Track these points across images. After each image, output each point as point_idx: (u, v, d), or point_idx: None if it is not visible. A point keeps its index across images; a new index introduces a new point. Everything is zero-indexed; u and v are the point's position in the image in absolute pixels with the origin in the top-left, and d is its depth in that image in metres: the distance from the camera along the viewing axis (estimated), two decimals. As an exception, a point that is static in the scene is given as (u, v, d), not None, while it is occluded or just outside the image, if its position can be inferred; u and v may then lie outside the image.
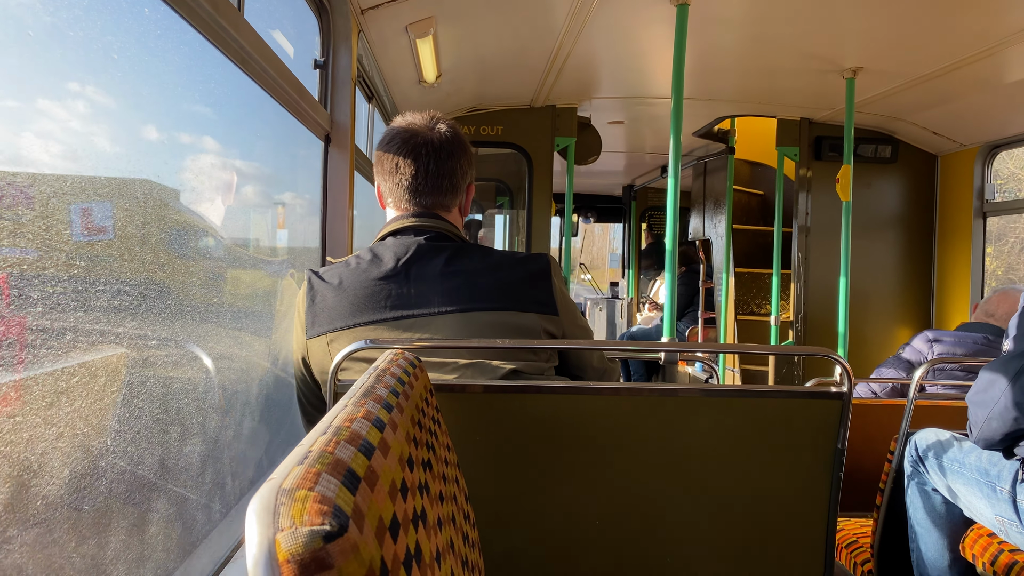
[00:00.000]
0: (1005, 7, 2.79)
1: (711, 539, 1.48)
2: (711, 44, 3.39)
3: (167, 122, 1.29)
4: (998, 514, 2.02)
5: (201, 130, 1.49)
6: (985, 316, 3.13)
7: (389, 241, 1.55)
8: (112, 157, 1.04)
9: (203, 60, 1.42)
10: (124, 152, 1.08)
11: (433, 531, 0.84)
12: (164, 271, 1.26)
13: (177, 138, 1.35)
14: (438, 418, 1.20)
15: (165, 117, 1.28)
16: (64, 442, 0.92)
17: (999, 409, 1.97)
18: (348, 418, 0.75)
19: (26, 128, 0.85)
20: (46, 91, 0.87)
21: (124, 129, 1.10)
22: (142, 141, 1.18)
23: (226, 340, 1.61)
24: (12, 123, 0.82)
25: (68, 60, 0.90)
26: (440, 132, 1.59)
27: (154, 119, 1.22)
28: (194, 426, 1.41)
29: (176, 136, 1.34)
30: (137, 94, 1.13)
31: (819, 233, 4.89)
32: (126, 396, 1.06)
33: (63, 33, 0.87)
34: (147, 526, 1.19)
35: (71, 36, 0.88)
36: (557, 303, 1.53)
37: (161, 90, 1.25)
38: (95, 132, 0.99)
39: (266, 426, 1.90)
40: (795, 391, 1.48)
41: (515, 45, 3.48)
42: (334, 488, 0.56)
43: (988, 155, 4.58)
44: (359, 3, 2.52)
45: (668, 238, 2.96)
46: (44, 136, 0.87)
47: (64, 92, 0.91)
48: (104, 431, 1.02)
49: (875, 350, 4.89)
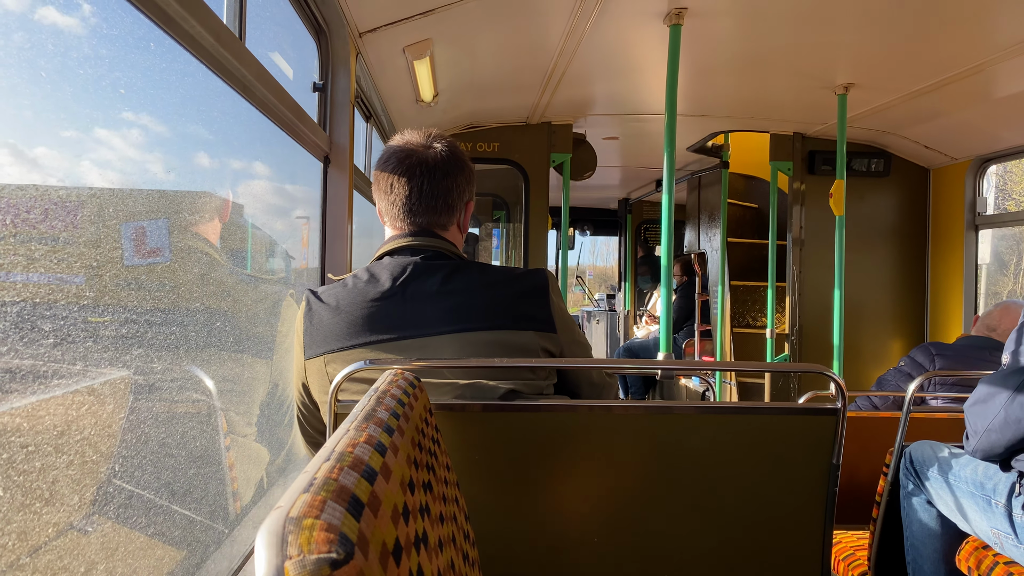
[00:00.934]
0: (993, 25, 2.83)
1: (708, 554, 1.50)
2: (704, 62, 3.43)
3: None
4: (993, 527, 2.03)
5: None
6: (987, 330, 3.14)
7: (386, 260, 1.55)
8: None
9: (206, 88, 1.45)
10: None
11: (434, 552, 0.86)
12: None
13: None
14: (437, 438, 1.22)
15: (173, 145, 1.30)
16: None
17: (999, 422, 1.99)
18: (351, 443, 0.77)
19: (39, 166, 0.88)
20: (53, 131, 0.90)
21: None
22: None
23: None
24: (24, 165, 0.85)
25: (78, 99, 0.92)
26: (436, 151, 1.59)
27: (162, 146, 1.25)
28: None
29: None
30: (143, 126, 1.16)
31: (813, 246, 4.93)
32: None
33: (73, 72, 0.90)
34: (153, 549, 1.20)
35: (80, 74, 0.91)
36: (555, 320, 1.54)
37: (165, 118, 1.28)
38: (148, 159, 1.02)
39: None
40: (790, 407, 1.51)
41: (511, 64, 3.53)
42: (339, 516, 0.58)
43: (979, 168, 4.63)
44: (357, 27, 2.56)
45: (663, 252, 2.99)
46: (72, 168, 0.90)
47: (66, 136, 0.94)
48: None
49: (870, 362, 4.92)
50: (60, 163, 0.93)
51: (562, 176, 4.85)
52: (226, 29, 1.42)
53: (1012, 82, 3.40)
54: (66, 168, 0.94)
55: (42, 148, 0.91)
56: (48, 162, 0.90)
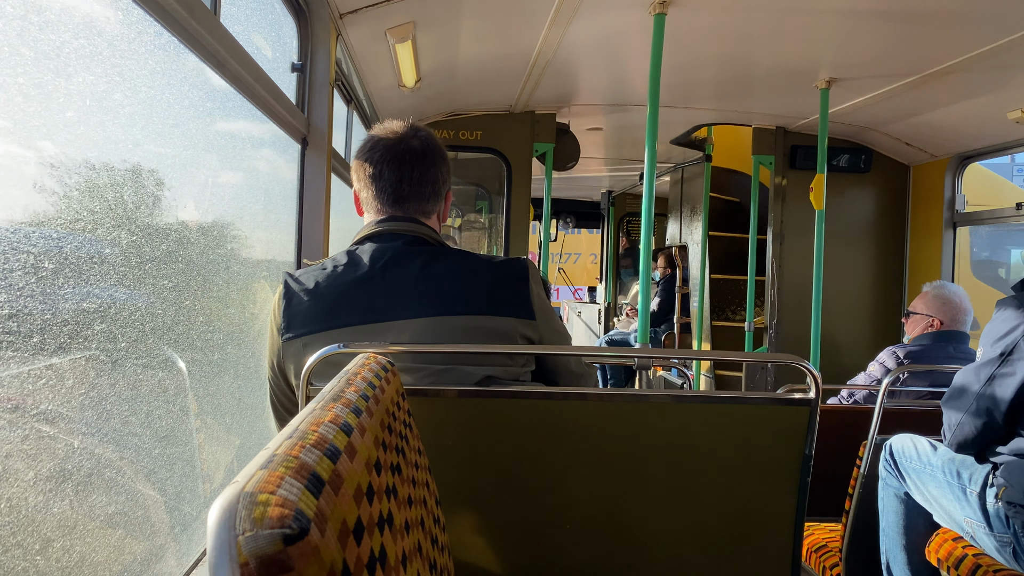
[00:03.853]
0: (971, 24, 2.85)
1: (680, 543, 1.50)
2: (688, 53, 3.43)
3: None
4: (967, 516, 2.07)
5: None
6: (952, 323, 3.15)
7: (367, 244, 1.55)
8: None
9: (179, 61, 1.42)
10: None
11: (400, 534, 0.84)
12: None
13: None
14: (409, 422, 1.21)
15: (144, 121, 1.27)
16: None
17: (970, 415, 2.02)
18: (315, 422, 0.76)
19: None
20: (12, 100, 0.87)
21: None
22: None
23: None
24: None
25: (39, 63, 0.89)
26: (422, 139, 1.61)
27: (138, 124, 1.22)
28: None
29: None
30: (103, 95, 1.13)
31: (793, 240, 4.95)
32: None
33: (34, 36, 0.87)
34: (116, 529, 1.18)
35: (42, 40, 0.88)
36: (534, 307, 1.54)
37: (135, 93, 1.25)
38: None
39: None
40: (765, 397, 1.50)
41: (494, 51, 3.50)
42: (297, 492, 0.57)
43: (958, 166, 4.67)
44: (338, 7, 2.52)
45: (642, 244, 2.99)
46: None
47: (36, 94, 0.91)
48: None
49: (847, 356, 4.95)
50: (17, 133, 0.90)
51: (545, 166, 4.83)
52: (199, 2, 1.39)
53: (991, 80, 3.42)
54: (25, 138, 0.91)
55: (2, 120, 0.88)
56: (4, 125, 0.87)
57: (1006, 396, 1.92)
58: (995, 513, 1.97)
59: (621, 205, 8.70)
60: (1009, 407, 1.92)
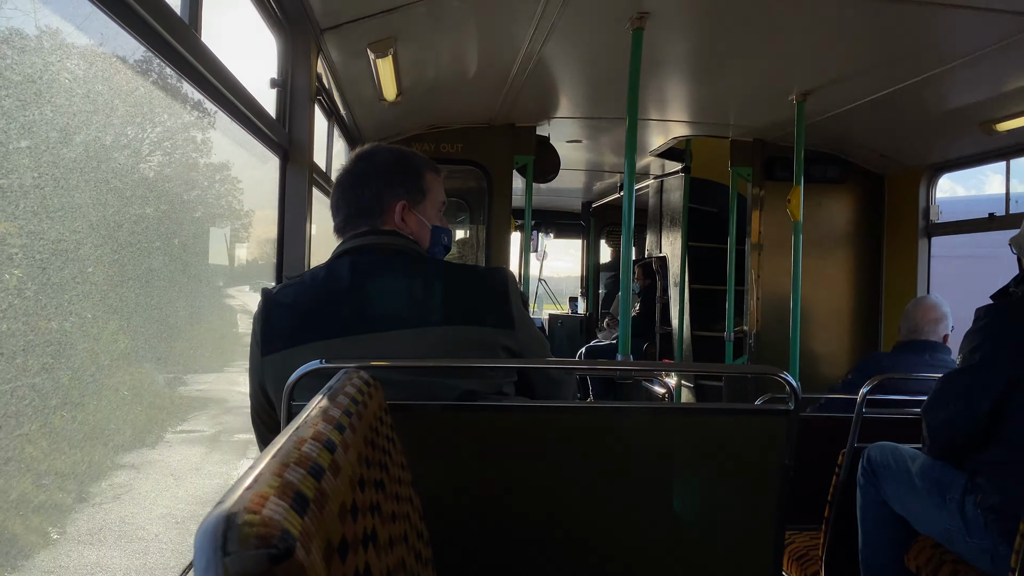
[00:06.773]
0: (943, 37, 2.91)
1: (662, 553, 1.51)
2: (666, 67, 3.46)
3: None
4: (946, 523, 2.08)
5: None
6: (910, 333, 3.19)
7: (346, 258, 1.55)
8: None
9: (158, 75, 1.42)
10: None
11: (384, 551, 0.84)
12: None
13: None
14: (392, 436, 1.21)
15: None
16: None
17: (948, 423, 2.05)
18: (299, 440, 0.76)
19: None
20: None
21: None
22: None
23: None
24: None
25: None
26: (366, 161, 1.64)
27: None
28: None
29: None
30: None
31: (771, 251, 5.00)
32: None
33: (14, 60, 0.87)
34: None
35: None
36: (514, 317, 1.54)
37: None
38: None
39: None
40: (744, 408, 1.52)
41: (475, 65, 3.52)
42: (282, 511, 0.57)
43: (932, 176, 4.74)
44: (319, 23, 2.53)
45: (623, 255, 3.01)
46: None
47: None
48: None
49: (826, 365, 5.00)
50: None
51: (525, 179, 4.86)
52: (177, 17, 1.39)
53: (963, 93, 3.49)
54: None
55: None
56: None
57: (984, 404, 1.95)
58: (974, 520, 1.99)
59: (601, 216, 8.73)
60: (987, 415, 1.95)
